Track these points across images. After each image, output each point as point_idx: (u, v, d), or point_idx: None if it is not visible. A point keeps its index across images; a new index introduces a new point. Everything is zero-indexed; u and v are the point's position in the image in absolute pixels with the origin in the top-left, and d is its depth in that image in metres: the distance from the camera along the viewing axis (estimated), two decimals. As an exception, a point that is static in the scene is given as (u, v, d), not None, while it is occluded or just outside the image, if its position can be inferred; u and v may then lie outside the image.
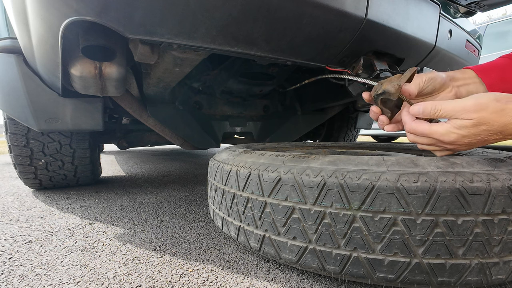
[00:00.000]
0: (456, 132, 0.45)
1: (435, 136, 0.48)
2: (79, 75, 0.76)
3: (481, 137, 0.44)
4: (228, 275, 0.56)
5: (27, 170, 1.22)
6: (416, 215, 0.41)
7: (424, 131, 0.49)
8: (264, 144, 1.03)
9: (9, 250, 0.69)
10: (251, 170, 0.56)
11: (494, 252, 0.42)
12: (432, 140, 0.49)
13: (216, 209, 0.69)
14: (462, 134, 0.45)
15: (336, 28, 0.67)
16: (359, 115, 1.94)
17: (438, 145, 0.50)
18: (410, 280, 0.43)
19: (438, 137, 0.47)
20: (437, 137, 0.47)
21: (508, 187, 0.41)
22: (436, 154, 0.54)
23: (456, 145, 0.47)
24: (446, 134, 0.46)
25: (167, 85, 1.04)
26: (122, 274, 0.57)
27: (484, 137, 0.44)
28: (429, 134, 0.48)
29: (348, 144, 1.14)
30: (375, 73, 0.79)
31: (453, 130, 0.45)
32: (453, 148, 0.49)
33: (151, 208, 1.05)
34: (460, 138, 0.45)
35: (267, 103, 1.74)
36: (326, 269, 0.48)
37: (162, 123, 1.26)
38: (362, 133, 4.60)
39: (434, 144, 0.50)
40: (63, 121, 1.01)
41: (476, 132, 0.44)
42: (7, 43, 0.91)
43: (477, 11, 1.04)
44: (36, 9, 0.56)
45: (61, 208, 1.05)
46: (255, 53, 0.69)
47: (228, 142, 1.69)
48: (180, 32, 0.58)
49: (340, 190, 0.45)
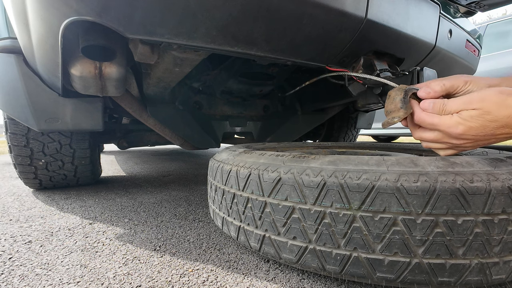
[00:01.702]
0: (463, 123, 0.45)
1: (443, 128, 0.48)
2: (79, 75, 0.76)
3: (488, 129, 0.44)
4: (228, 275, 0.56)
5: (27, 170, 1.22)
6: (416, 215, 0.42)
7: (432, 121, 0.49)
8: (264, 144, 1.04)
9: (9, 250, 0.69)
10: (251, 170, 0.56)
11: (494, 252, 0.42)
12: (439, 135, 0.50)
13: (216, 209, 0.69)
14: (469, 125, 0.45)
15: (336, 28, 0.67)
16: (359, 115, 1.94)
17: (444, 141, 0.50)
18: (410, 280, 0.43)
19: (446, 129, 0.47)
20: (445, 128, 0.48)
21: (508, 187, 0.41)
22: (440, 153, 0.54)
23: (463, 139, 0.47)
24: (454, 125, 0.46)
25: (167, 85, 1.04)
26: (122, 274, 0.57)
27: (491, 129, 0.44)
28: (437, 125, 0.49)
29: (348, 144, 1.14)
30: (375, 73, 0.79)
31: (461, 121, 0.46)
32: (459, 144, 0.49)
33: (151, 208, 1.05)
34: (467, 129, 0.45)
35: (267, 103, 1.74)
36: (326, 269, 0.48)
37: (162, 123, 1.26)
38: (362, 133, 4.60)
39: (440, 139, 0.50)
40: (63, 121, 1.01)
41: (483, 123, 0.44)
42: (7, 43, 0.91)
43: (477, 11, 1.04)
44: (36, 9, 0.56)
45: (61, 208, 1.05)
46: (255, 53, 0.69)
47: (228, 142, 1.69)
48: (180, 32, 0.58)
49: (340, 190, 0.45)
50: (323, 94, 1.48)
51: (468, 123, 0.45)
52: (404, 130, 3.74)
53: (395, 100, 0.54)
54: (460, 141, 0.48)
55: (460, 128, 0.46)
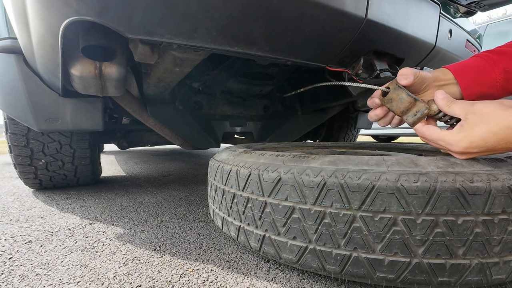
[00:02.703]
0: (464, 139, 0.45)
1: (443, 144, 0.48)
2: (79, 75, 0.76)
3: (489, 144, 0.43)
4: (228, 275, 0.56)
5: (27, 170, 1.22)
6: (416, 215, 0.41)
7: (432, 138, 0.50)
8: (264, 144, 1.03)
9: (9, 250, 0.69)
10: (251, 170, 0.56)
11: (494, 252, 0.42)
12: (441, 146, 0.50)
13: (216, 209, 0.69)
14: (470, 139, 0.44)
15: (336, 28, 0.67)
16: (359, 115, 1.94)
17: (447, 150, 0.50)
18: (410, 280, 0.43)
19: (446, 146, 0.48)
20: (445, 145, 0.48)
21: (508, 187, 0.41)
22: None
23: (466, 154, 0.46)
24: (455, 143, 0.46)
25: (167, 85, 1.04)
26: (122, 274, 0.57)
27: (492, 144, 0.43)
28: (437, 140, 0.49)
29: (348, 144, 1.14)
30: (375, 73, 0.79)
31: (461, 137, 0.45)
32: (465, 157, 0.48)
33: (151, 208, 1.05)
34: (468, 144, 0.44)
35: (267, 103, 1.74)
36: (326, 269, 0.48)
37: (162, 123, 1.26)
38: (362, 133, 4.60)
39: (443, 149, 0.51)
40: (63, 121, 1.01)
41: (482, 134, 0.43)
42: (7, 43, 0.91)
43: (477, 11, 1.04)
44: (36, 9, 0.56)
45: (61, 208, 1.05)
46: (255, 53, 0.69)
47: (228, 142, 1.69)
48: (180, 32, 0.58)
49: (340, 190, 0.45)
50: (323, 94, 1.49)
51: (469, 138, 0.44)
52: (405, 130, 3.74)
53: (403, 98, 0.53)
54: (464, 156, 0.47)
55: (461, 145, 0.45)
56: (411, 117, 0.53)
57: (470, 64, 0.56)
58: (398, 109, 0.54)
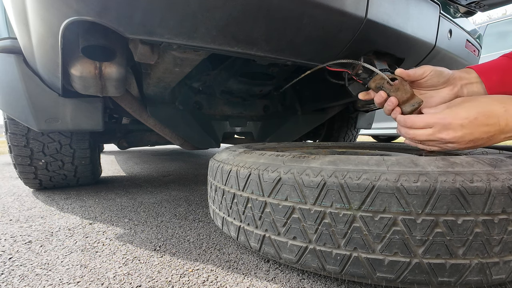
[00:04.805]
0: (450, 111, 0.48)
1: (438, 122, 0.50)
2: (79, 75, 0.76)
3: (477, 134, 0.46)
4: (228, 275, 0.56)
5: (27, 170, 1.22)
6: (416, 215, 0.42)
7: (428, 120, 0.51)
8: (264, 144, 1.03)
9: (9, 250, 0.69)
10: (251, 170, 0.56)
11: (494, 252, 0.42)
12: (432, 133, 0.51)
13: (216, 209, 0.69)
14: (459, 122, 0.47)
15: (336, 28, 0.67)
16: (359, 115, 1.94)
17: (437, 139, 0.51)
18: (410, 280, 0.43)
19: (442, 121, 0.49)
20: (441, 121, 0.50)
21: (508, 187, 0.41)
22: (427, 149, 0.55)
23: (455, 142, 0.48)
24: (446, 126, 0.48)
25: (167, 85, 1.04)
26: (122, 274, 0.57)
27: (481, 134, 0.45)
28: (434, 122, 0.50)
29: (348, 144, 1.14)
30: (375, 73, 0.79)
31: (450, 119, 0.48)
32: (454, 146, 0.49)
33: (151, 208, 1.05)
34: (458, 128, 0.47)
35: (267, 103, 1.74)
36: (326, 269, 0.48)
37: (162, 123, 1.26)
38: (362, 133, 4.60)
39: (434, 139, 0.51)
40: (63, 121, 1.01)
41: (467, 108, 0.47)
42: (7, 43, 0.91)
43: (477, 11, 1.04)
44: (36, 9, 0.56)
45: (61, 208, 1.05)
46: (255, 53, 0.69)
47: (228, 142, 1.69)
48: (180, 32, 0.58)
49: (340, 190, 0.45)
50: (323, 94, 1.48)
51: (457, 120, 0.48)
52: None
53: (407, 89, 0.60)
54: (456, 145, 0.49)
55: (453, 129, 0.48)
56: (409, 107, 0.61)
57: (495, 63, 0.57)
58: (401, 98, 0.61)
